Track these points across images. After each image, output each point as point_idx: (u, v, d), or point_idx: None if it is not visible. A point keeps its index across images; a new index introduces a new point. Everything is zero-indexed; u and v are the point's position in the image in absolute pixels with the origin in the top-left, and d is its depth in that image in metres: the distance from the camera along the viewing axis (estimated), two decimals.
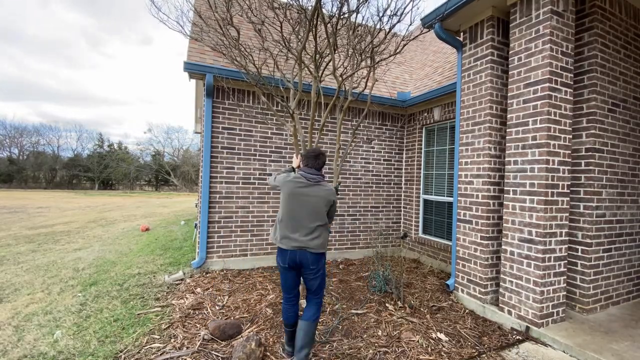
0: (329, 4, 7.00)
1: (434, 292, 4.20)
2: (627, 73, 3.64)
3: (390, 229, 6.34)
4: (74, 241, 7.52)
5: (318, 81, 3.68)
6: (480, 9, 3.68)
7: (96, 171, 39.87)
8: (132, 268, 5.05)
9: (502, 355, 2.78)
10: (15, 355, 2.68)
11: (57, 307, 3.62)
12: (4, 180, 36.81)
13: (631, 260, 3.74)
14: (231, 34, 3.70)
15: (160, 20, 3.82)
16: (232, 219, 5.03)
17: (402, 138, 6.45)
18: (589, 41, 3.40)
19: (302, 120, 5.20)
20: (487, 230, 3.64)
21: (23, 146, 41.32)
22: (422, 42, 9.16)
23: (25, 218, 11.64)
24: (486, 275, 3.63)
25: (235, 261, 5.04)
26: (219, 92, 4.93)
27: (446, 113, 5.45)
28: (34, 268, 5.27)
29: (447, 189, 5.54)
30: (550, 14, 3.07)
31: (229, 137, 5.02)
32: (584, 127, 3.42)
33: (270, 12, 3.89)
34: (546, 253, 3.10)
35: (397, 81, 6.83)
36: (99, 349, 2.74)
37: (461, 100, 4.01)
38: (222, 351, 2.73)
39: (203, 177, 4.83)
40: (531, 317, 3.12)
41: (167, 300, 3.77)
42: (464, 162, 3.93)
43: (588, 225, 3.37)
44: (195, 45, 4.96)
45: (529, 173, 3.21)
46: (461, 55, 4.04)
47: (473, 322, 3.40)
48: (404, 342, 2.93)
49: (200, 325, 3.16)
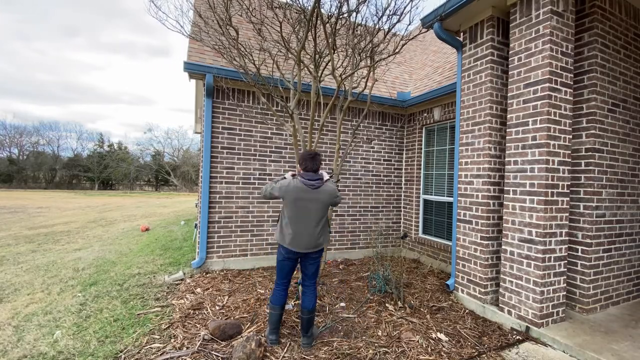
0: (328, 3, 7.02)
1: (434, 292, 4.20)
2: (627, 73, 3.64)
3: (390, 229, 6.34)
4: (73, 241, 7.52)
5: (317, 81, 3.68)
6: (480, 9, 3.68)
7: (96, 171, 39.88)
8: (132, 268, 5.05)
9: (502, 355, 2.78)
10: (15, 355, 2.68)
11: (57, 307, 3.62)
12: (4, 180, 36.82)
13: (631, 260, 3.74)
14: (230, 34, 3.70)
15: (159, 20, 3.82)
16: (232, 219, 5.03)
17: (402, 138, 6.45)
18: (589, 41, 3.40)
19: (301, 120, 5.20)
20: (487, 230, 3.64)
21: (23, 146, 41.37)
22: (422, 42, 9.16)
23: (25, 218, 11.64)
24: (486, 275, 3.63)
25: (235, 261, 5.04)
26: (218, 92, 4.93)
27: (446, 113, 5.45)
28: (33, 268, 5.27)
29: (447, 189, 5.54)
30: (550, 14, 3.07)
31: (229, 137, 5.02)
32: (584, 127, 3.42)
33: (270, 12, 3.89)
34: (546, 253, 3.09)
35: (397, 81, 6.83)
36: (99, 349, 2.74)
37: (461, 100, 4.01)
38: (222, 351, 2.73)
39: (203, 177, 4.83)
40: (531, 317, 3.12)
41: (167, 301, 3.77)
42: (464, 162, 3.93)
43: (588, 225, 3.37)
44: (195, 45, 4.96)
45: (529, 173, 3.21)
46: (461, 55, 4.04)
47: (473, 322, 3.40)
48: (404, 342, 2.93)
49: (200, 325, 3.16)
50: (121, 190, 39.89)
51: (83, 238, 7.90)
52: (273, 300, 2.89)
